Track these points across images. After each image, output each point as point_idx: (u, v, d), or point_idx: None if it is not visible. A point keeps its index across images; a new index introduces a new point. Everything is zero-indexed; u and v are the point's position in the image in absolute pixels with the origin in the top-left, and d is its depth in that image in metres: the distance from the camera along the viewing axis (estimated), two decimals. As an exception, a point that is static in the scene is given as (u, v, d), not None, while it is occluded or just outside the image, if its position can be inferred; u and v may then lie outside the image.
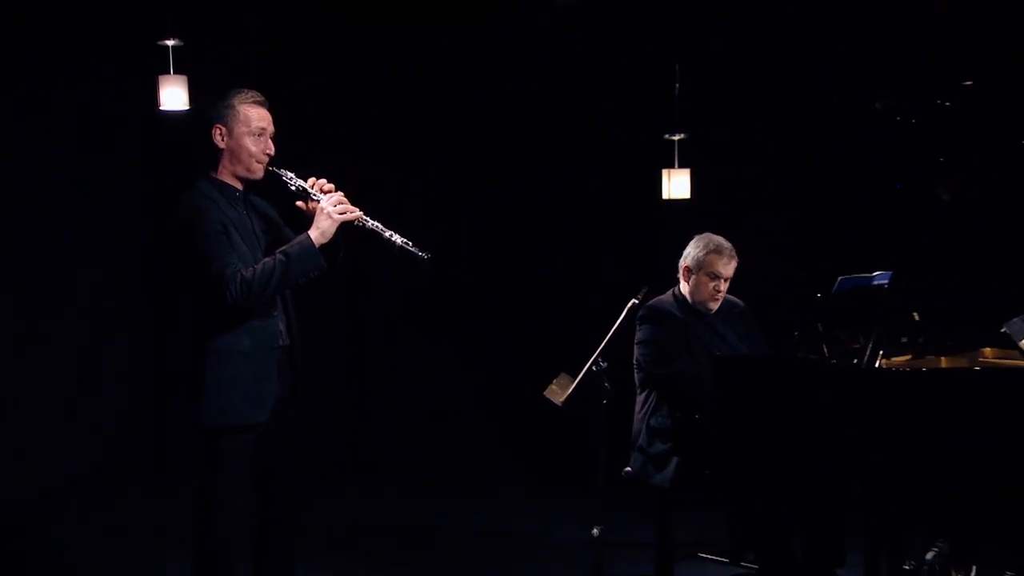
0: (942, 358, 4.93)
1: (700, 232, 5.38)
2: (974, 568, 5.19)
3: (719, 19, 6.83)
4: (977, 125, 4.80)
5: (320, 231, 4.01)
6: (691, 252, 5.28)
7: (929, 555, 5.31)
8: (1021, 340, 3.61)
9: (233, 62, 6.47)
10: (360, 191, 4.21)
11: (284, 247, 4.02)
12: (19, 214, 6.68)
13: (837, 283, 5.20)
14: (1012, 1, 6.13)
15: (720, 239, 5.26)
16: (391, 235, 4.07)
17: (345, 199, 4.07)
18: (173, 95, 5.94)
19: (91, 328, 6.98)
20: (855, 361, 4.86)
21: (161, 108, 6.02)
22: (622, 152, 7.12)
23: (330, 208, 4.02)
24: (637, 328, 5.21)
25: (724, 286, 5.27)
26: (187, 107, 5.94)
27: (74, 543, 5.99)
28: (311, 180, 4.09)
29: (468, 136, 7.46)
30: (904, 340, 5.00)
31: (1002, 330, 3.60)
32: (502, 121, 7.40)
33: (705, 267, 5.22)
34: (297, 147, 4.25)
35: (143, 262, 7.11)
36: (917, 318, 5.01)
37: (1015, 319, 3.62)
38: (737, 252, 5.25)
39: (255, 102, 4.08)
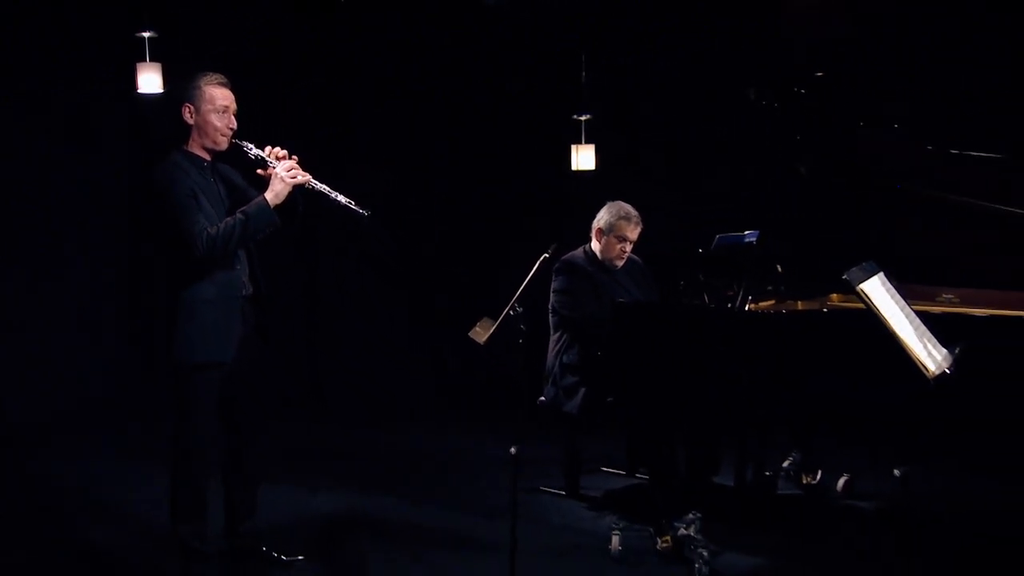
0: (799, 302, 5.17)
1: (603, 197, 5.44)
2: (819, 472, 5.47)
3: (619, 19, 6.86)
4: (827, 110, 4.96)
5: (275, 193, 4.07)
6: (604, 216, 5.34)
7: (785, 463, 5.55)
8: (858, 285, 3.77)
9: (203, 49, 6.36)
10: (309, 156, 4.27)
11: (244, 207, 4.07)
12: (24, 186, 6.64)
13: (715, 240, 5.36)
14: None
15: (629, 208, 5.32)
16: (336, 195, 4.15)
17: (297, 165, 4.13)
18: (149, 80, 5.88)
19: (90, 283, 6.96)
20: (729, 305, 5.03)
21: (139, 91, 5.96)
22: (538, 130, 7.14)
23: (283, 173, 4.09)
24: (553, 279, 5.28)
25: (629, 247, 5.34)
26: (161, 90, 5.87)
27: (74, 460, 6.02)
28: (268, 149, 4.14)
29: (412, 116, 7.42)
30: (769, 288, 5.19)
31: (843, 277, 3.67)
32: (440, 104, 7.38)
33: (615, 230, 5.28)
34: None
35: (131, 226, 7.05)
36: (780, 269, 5.19)
37: (853, 268, 3.75)
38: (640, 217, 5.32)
39: (219, 83, 4.12)
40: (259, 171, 4.18)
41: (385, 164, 7.39)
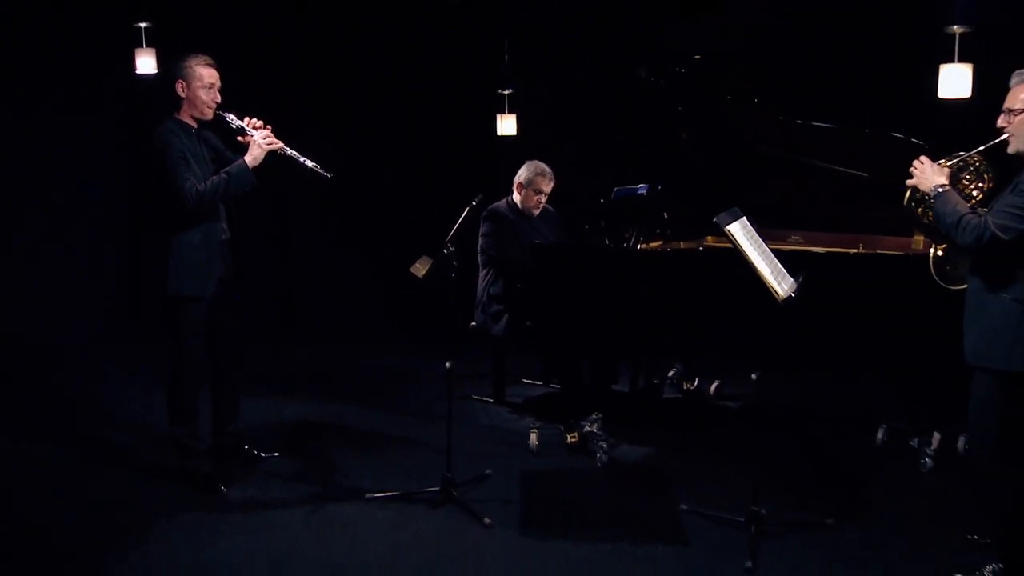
0: (681, 242, 5.32)
1: (522, 157, 5.51)
2: (697, 379, 5.69)
3: (535, 9, 6.89)
4: (703, 86, 5.08)
5: (253, 157, 4.12)
6: (523, 173, 5.40)
7: (670, 373, 5.74)
8: (725, 226, 3.82)
9: (197, 35, 6.27)
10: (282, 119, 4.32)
11: (227, 167, 4.12)
12: (40, 159, 6.60)
13: (613, 192, 5.41)
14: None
15: (544, 165, 5.39)
16: (304, 160, 4.19)
17: (272, 134, 4.17)
18: (145, 63, 5.86)
19: (96, 235, 6.92)
20: (625, 245, 5.16)
21: (136, 72, 5.92)
22: (469, 102, 7.14)
23: (260, 140, 4.13)
24: (481, 224, 5.35)
25: (544, 199, 5.42)
26: (155, 71, 5.83)
27: (87, 378, 6.03)
28: (247, 119, 4.18)
29: (369, 94, 7.41)
30: (657, 231, 5.33)
31: (714, 220, 3.75)
32: (391, 83, 7.36)
33: (533, 184, 5.36)
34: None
35: (128, 183, 6.98)
36: (666, 216, 5.33)
37: (722, 213, 3.76)
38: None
39: (207, 64, 4.16)
40: (239, 138, 4.21)
41: (344, 130, 7.38)
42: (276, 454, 4.68)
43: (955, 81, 4.51)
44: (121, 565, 3.63)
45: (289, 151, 4.20)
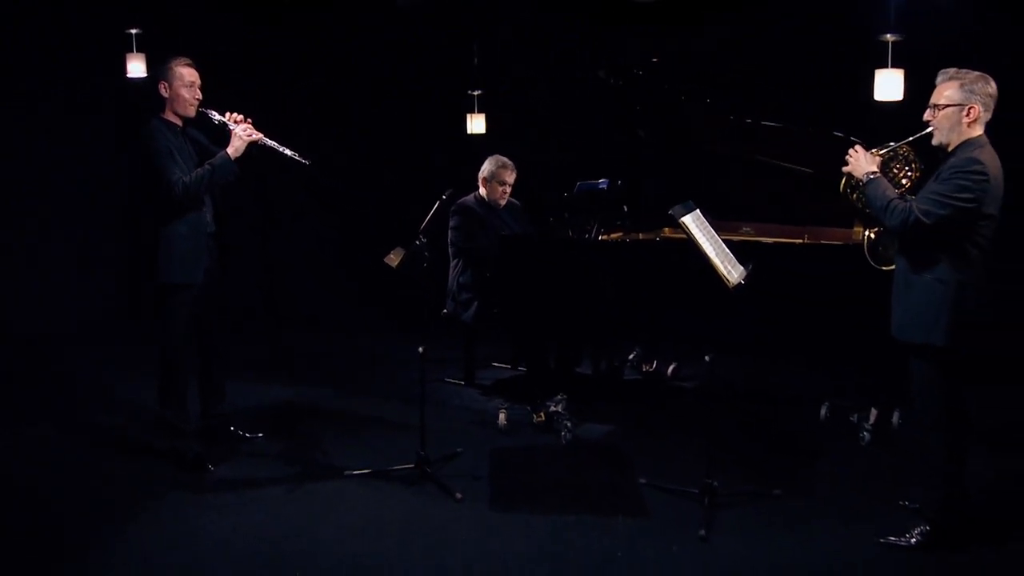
0: (639, 234, 5.37)
1: (491, 155, 5.51)
2: (655, 362, 5.77)
3: (503, 16, 6.92)
4: (660, 87, 5.18)
5: (234, 148, 4.17)
6: (487, 167, 5.44)
7: (630, 356, 5.81)
8: (680, 218, 3.80)
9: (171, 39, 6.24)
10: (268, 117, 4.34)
11: (211, 160, 4.16)
12: (39, 158, 6.57)
13: (576, 186, 5.46)
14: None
15: (506, 159, 5.43)
16: (283, 149, 4.23)
17: (252, 127, 4.21)
18: (135, 67, 5.87)
19: (94, 225, 6.88)
20: (587, 236, 5.20)
21: (128, 76, 5.93)
22: (440, 102, 7.16)
23: (240, 133, 4.18)
24: (451, 218, 5.37)
25: (508, 190, 5.45)
26: (145, 75, 5.83)
27: (83, 364, 6.01)
28: (228, 114, 4.21)
29: (354, 95, 7.45)
30: (617, 223, 5.39)
31: (669, 212, 3.82)
32: (371, 85, 7.40)
33: (496, 177, 5.39)
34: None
35: (128, 182, 6.89)
36: (625, 209, 5.40)
37: (677, 206, 3.84)
38: (516, 168, 5.42)
39: (187, 64, 4.20)
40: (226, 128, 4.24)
41: (331, 127, 7.41)
42: (260, 435, 4.72)
43: (889, 85, 4.66)
44: (115, 539, 3.67)
45: (269, 142, 4.24)
